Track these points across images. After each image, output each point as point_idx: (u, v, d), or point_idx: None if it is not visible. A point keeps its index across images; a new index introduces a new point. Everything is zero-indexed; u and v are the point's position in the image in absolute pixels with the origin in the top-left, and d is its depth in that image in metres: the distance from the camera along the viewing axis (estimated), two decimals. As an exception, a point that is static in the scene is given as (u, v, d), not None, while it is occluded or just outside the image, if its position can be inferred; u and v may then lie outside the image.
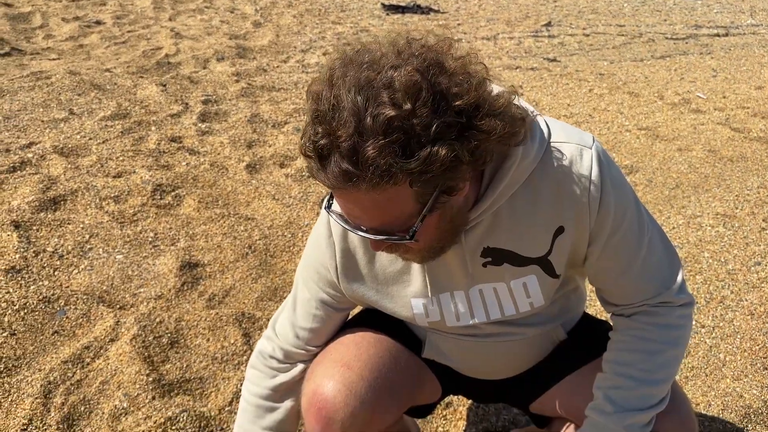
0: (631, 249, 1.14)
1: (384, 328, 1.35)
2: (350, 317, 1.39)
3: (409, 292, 1.20)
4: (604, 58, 5.97)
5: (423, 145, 0.85)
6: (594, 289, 1.25)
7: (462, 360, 1.33)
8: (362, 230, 0.97)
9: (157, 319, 2.13)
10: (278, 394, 1.32)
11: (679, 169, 3.64)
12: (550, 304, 1.24)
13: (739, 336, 2.28)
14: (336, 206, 1.02)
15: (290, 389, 1.33)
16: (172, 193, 2.91)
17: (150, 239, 2.58)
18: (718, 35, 7.32)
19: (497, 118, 0.92)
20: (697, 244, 2.87)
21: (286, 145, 3.54)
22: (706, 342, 2.24)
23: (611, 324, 1.29)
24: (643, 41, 6.70)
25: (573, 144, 1.08)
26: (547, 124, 1.09)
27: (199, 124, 3.67)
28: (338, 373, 1.24)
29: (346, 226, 0.99)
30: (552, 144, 1.07)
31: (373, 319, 1.36)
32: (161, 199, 2.86)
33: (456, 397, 1.89)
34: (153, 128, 3.56)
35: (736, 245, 2.89)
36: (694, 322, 2.34)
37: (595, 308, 2.32)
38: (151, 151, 3.28)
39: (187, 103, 3.95)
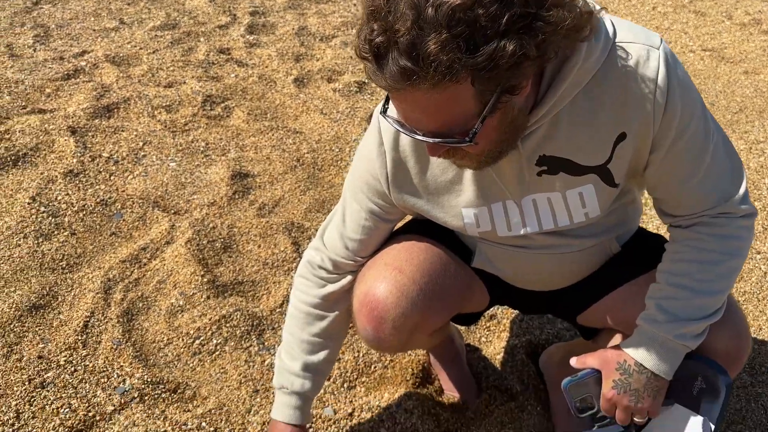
0: (695, 156, 1.08)
1: (434, 236, 1.35)
2: (400, 226, 1.39)
3: (460, 202, 1.18)
4: (670, -26, 5.61)
5: (489, 38, 0.80)
6: (651, 201, 1.22)
7: (512, 271, 1.32)
8: (419, 134, 0.93)
9: (211, 225, 2.18)
10: (327, 303, 1.34)
11: (744, 93, 3.46)
12: (606, 215, 1.22)
13: (796, 263, 2.22)
14: (392, 111, 0.99)
15: (339, 299, 1.35)
16: (222, 105, 2.92)
17: (201, 149, 2.61)
18: (796, -48, 6.76)
19: (564, 9, 0.86)
20: (758, 170, 2.76)
21: (333, 59, 3.48)
22: (760, 268, 2.19)
23: (667, 238, 1.26)
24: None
25: (639, 44, 1.02)
26: (612, 23, 1.03)
27: (247, 36, 3.62)
28: (390, 275, 1.25)
29: (403, 131, 0.96)
30: (617, 44, 1.01)
31: (423, 228, 1.36)
32: (211, 110, 2.87)
33: (500, 309, 1.90)
34: (201, 39, 3.54)
35: (799, 172, 2.77)
36: (750, 250, 2.28)
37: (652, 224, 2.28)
38: (200, 62, 3.27)
39: (235, 15, 3.90)
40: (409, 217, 1.36)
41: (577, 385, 1.22)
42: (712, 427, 1.16)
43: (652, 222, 2.34)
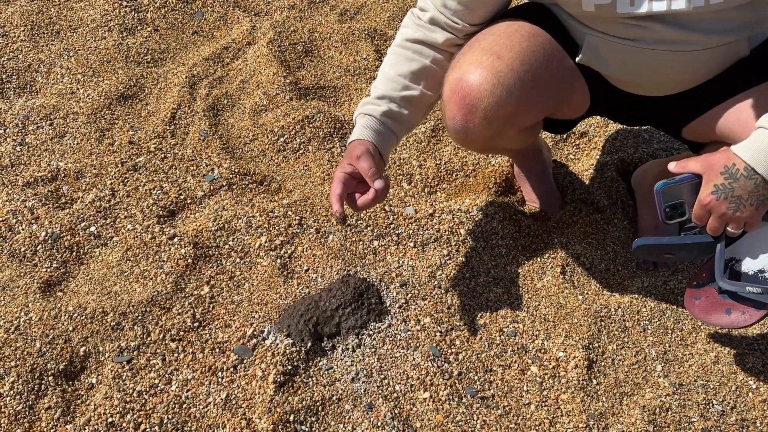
0: None
1: (541, 25, 1.25)
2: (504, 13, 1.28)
3: None
4: None
5: None
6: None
7: (623, 69, 1.22)
8: None
9: (291, 28, 2.10)
10: (427, 47, 1.27)
11: None
12: (741, 9, 1.08)
13: None
14: None
15: (439, 51, 1.27)
16: None
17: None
18: None
19: None
20: None
21: None
22: None
23: None
24: None
25: None
26: None
27: None
28: (487, 61, 1.18)
29: None
30: None
31: (529, 16, 1.26)
32: None
33: (592, 126, 1.82)
34: None
35: None
36: None
37: None
38: None
39: None
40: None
41: (672, 189, 1.15)
42: None
43: None
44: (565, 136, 1.80)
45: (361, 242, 1.52)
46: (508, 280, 1.47)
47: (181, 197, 1.60)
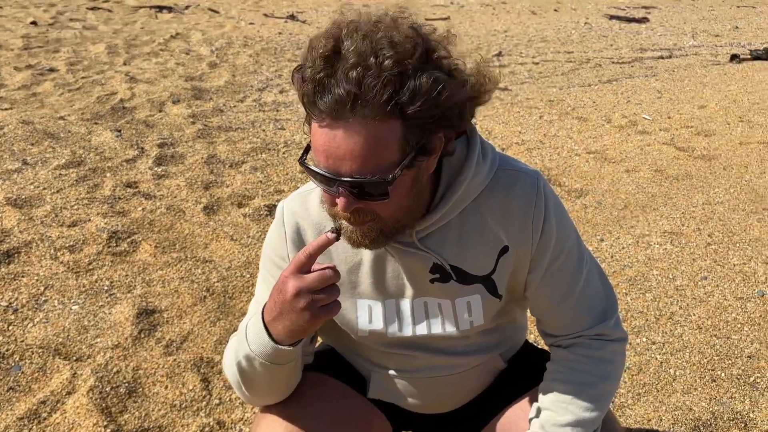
0: (571, 277, 1.20)
1: (329, 370, 1.37)
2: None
3: (356, 293, 1.22)
4: (554, 85, 6.16)
5: (415, 79, 0.94)
6: (535, 322, 1.31)
7: (405, 396, 1.36)
8: (340, 179, 0.97)
9: (114, 369, 2.11)
10: None
11: (628, 190, 3.76)
12: (489, 333, 1.29)
13: (687, 350, 2.36)
14: (310, 162, 1.03)
15: None
16: (128, 240, 2.91)
17: (106, 288, 2.56)
18: (662, 57, 7.62)
19: (466, 86, 1.02)
20: (646, 262, 2.97)
21: (243, 184, 3.57)
22: (656, 358, 2.31)
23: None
24: (590, 66, 6.93)
25: (521, 172, 1.17)
26: (497, 151, 1.19)
27: (155, 168, 3.67)
28: (282, 429, 1.24)
29: (321, 179, 1.00)
30: (501, 168, 1.16)
31: (317, 364, 1.37)
32: (117, 246, 2.85)
33: None
34: (108, 175, 3.55)
35: (683, 261, 2.99)
36: (645, 339, 2.42)
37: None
38: (106, 197, 3.28)
39: (142, 148, 3.96)
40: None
41: None
42: None
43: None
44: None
45: None
46: None
47: None
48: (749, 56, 7.75)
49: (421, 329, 1.24)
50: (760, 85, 6.42)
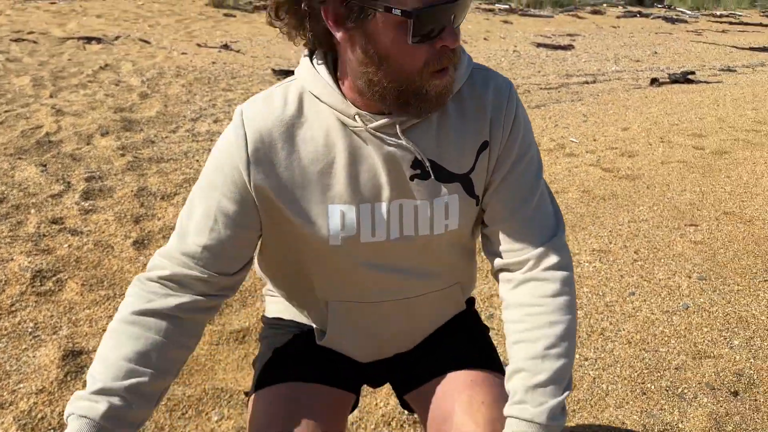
0: (530, 185, 1.19)
1: (292, 374, 1.31)
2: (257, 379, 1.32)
3: (328, 197, 1.15)
4: (486, 109, 6.31)
5: None
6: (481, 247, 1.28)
7: (362, 337, 1.31)
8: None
9: (39, 416, 2.01)
10: (155, 318, 1.11)
11: (558, 211, 3.88)
12: (452, 254, 1.26)
13: (619, 365, 2.43)
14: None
15: (170, 316, 1.12)
16: (53, 278, 2.79)
17: (30, 330, 2.45)
18: (587, 82, 7.95)
19: None
20: (576, 280, 3.06)
21: (175, 217, 3.49)
22: (589, 374, 2.37)
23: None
24: (520, 93, 7.16)
25: (493, 71, 1.21)
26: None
27: (82, 203, 3.56)
28: None
29: None
30: (476, 68, 1.19)
31: (276, 372, 1.32)
32: (41, 285, 2.74)
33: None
34: (32, 211, 3.42)
35: (611, 278, 3.10)
36: (578, 356, 2.48)
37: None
38: (30, 235, 3.14)
39: (69, 182, 3.83)
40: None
41: None
42: None
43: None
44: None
45: None
46: None
47: None
48: (668, 80, 8.19)
49: (394, 233, 1.18)
50: (678, 107, 6.78)
